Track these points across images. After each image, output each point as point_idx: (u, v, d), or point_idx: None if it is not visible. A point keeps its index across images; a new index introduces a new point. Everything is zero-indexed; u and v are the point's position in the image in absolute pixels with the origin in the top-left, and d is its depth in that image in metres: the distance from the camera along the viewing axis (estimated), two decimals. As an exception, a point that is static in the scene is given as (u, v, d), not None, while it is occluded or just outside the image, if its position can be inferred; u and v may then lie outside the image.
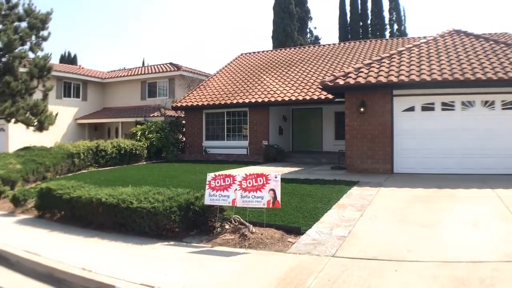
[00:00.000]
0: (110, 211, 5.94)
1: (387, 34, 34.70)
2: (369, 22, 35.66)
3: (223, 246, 5.08)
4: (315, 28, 45.29)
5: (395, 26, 35.16)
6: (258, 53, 24.29)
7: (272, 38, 34.49)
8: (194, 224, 5.72)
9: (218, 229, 5.63)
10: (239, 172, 9.65)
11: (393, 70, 11.19)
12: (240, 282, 3.92)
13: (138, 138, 17.61)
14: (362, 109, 11.29)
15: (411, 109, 11.05)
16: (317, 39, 40.55)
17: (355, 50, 20.30)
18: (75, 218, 6.63)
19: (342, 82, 11.39)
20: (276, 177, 5.46)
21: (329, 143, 18.31)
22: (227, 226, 5.67)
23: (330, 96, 14.23)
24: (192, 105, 18.50)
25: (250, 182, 5.51)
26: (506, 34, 17.99)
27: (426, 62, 11.30)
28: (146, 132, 17.94)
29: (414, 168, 10.81)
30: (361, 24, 35.61)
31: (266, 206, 5.36)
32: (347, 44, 22.50)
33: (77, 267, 4.44)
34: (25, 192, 8.07)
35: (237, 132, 18.06)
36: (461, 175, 9.96)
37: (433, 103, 10.87)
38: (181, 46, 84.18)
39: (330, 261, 4.27)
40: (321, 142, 18.75)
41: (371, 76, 11.15)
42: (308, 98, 15.90)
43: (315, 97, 15.74)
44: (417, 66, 11.11)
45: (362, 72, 11.58)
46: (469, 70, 10.28)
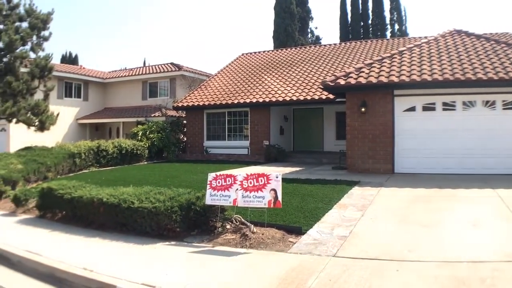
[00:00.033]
0: (111, 211, 5.95)
1: (388, 34, 34.71)
2: (370, 22, 35.68)
3: (224, 246, 5.08)
4: (316, 28, 45.43)
5: (396, 26, 35.19)
6: (259, 53, 24.30)
7: (273, 38, 34.51)
8: (195, 224, 5.73)
9: (219, 229, 5.64)
10: (240, 172, 9.66)
11: (394, 70, 11.18)
12: (241, 282, 3.93)
13: (139, 138, 17.63)
14: (363, 109, 11.30)
15: (412, 109, 11.05)
16: (318, 39, 40.54)
17: (356, 50, 20.30)
18: (76, 218, 6.64)
19: (343, 82, 11.39)
20: (277, 177, 5.46)
21: (330, 143, 18.29)
22: (228, 226, 5.68)
23: (331, 96, 14.23)
24: (193, 105, 18.52)
25: (251, 182, 5.51)
26: (507, 34, 17.98)
27: (427, 62, 11.29)
28: (147, 132, 17.96)
29: (415, 168, 10.81)
30: (362, 24, 35.63)
31: (267, 206, 5.37)
32: (348, 44, 22.50)
33: (78, 267, 4.45)
34: (26, 192, 8.10)
35: (238, 132, 18.06)
36: (462, 175, 9.95)
37: (434, 103, 10.87)
38: (182, 46, 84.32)
39: (331, 261, 4.27)
40: (322, 142, 18.73)
41: (372, 76, 11.15)
42: (309, 98, 15.91)
43: (316, 97, 15.74)
44: (418, 66, 11.11)
45: (363, 72, 11.58)
46: (470, 70, 10.27)
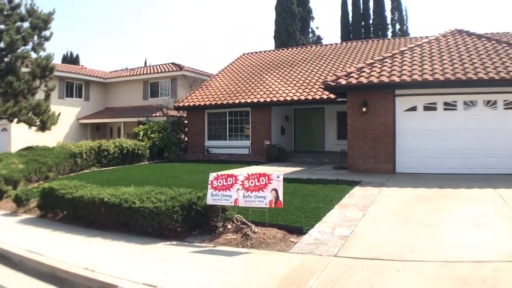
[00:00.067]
0: (112, 211, 5.96)
1: (389, 33, 34.68)
2: (371, 21, 35.66)
3: (225, 246, 5.08)
4: (317, 28, 45.47)
5: (397, 26, 35.15)
6: (260, 53, 24.29)
7: (274, 38, 34.50)
8: (196, 224, 5.73)
9: (220, 228, 5.64)
10: (241, 172, 9.65)
11: (395, 70, 11.17)
12: (242, 281, 3.93)
13: (141, 138, 17.65)
14: (364, 109, 11.28)
15: (413, 109, 11.04)
16: (319, 39, 40.51)
17: (357, 50, 20.28)
18: (78, 218, 6.65)
19: (344, 82, 11.38)
20: (278, 177, 5.46)
21: (331, 143, 18.28)
22: (229, 226, 5.68)
23: (332, 96, 14.22)
24: (194, 105, 18.52)
25: (252, 182, 5.51)
26: (508, 33, 17.93)
27: (428, 61, 11.27)
28: (148, 132, 17.97)
29: (416, 168, 10.79)
30: (363, 24, 35.61)
31: (268, 206, 5.37)
32: (349, 44, 22.49)
33: (79, 267, 4.45)
34: (27, 191, 8.10)
35: (239, 132, 18.06)
36: (463, 175, 9.93)
37: (435, 103, 10.85)
38: (183, 46, 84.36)
39: (333, 261, 4.27)
40: (323, 142, 18.72)
41: (373, 76, 11.14)
42: (310, 98, 15.90)
43: (317, 97, 15.73)
44: (419, 66, 11.09)
45: (364, 71, 11.57)
46: (471, 69, 10.25)
